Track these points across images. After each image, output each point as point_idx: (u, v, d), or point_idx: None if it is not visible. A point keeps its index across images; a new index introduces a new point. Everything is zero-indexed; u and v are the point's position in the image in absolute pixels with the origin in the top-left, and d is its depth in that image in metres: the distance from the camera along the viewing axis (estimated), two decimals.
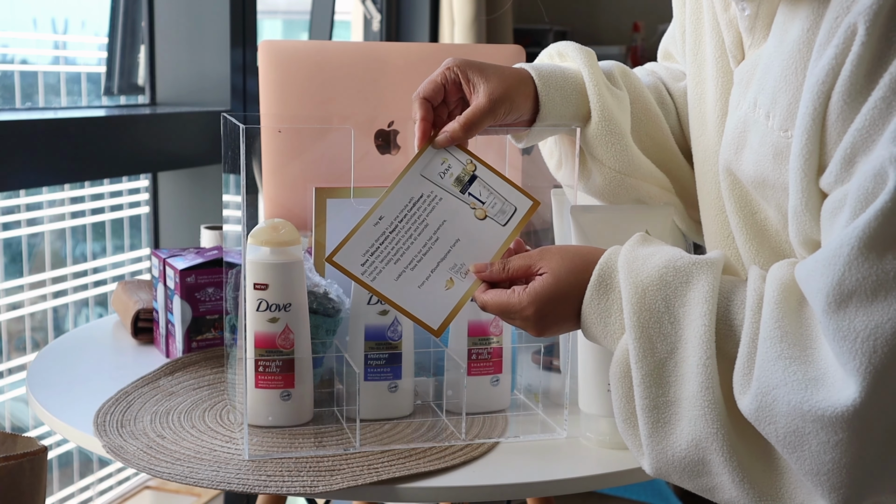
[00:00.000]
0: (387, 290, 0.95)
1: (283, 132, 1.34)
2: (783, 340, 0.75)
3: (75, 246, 2.15)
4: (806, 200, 0.80)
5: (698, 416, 0.79)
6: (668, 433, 0.81)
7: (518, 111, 1.01)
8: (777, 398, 0.74)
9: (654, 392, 0.81)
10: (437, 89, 0.99)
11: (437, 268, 0.96)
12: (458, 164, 0.98)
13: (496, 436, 1.06)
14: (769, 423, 0.75)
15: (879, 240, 0.70)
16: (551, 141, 1.14)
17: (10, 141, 1.67)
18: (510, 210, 0.98)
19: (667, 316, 0.81)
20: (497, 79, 1.00)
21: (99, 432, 1.04)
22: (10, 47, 2.07)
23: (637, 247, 0.87)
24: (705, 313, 0.80)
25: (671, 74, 1.18)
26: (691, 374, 0.79)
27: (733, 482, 0.78)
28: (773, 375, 0.74)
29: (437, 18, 3.46)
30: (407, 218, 0.96)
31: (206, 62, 2.25)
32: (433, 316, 0.95)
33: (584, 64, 1.05)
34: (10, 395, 1.96)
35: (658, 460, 0.82)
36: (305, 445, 1.02)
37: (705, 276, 0.81)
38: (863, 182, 0.72)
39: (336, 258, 0.95)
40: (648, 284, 0.83)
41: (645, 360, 0.81)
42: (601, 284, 0.86)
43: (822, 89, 0.76)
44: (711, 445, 0.78)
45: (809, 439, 0.72)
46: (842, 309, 0.71)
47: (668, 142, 1.11)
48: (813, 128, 0.77)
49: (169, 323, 1.32)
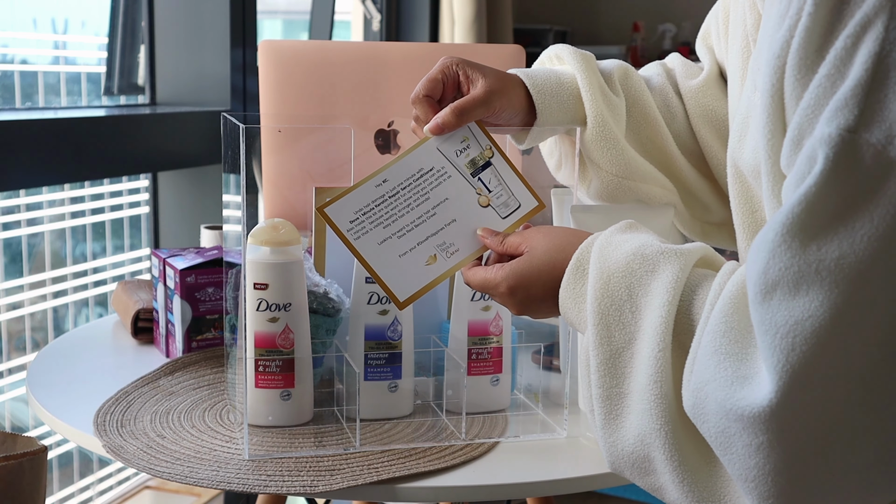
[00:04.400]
0: (366, 252, 0.94)
1: (283, 132, 1.34)
2: (725, 335, 0.71)
3: (75, 246, 2.15)
4: (772, 186, 0.74)
5: (645, 409, 0.76)
6: (619, 426, 0.78)
7: (513, 110, 1.01)
8: (707, 395, 0.70)
9: (609, 382, 0.79)
10: (436, 86, 0.99)
11: (425, 241, 0.95)
12: (476, 146, 0.97)
13: (496, 436, 1.06)
14: (703, 421, 0.71)
15: (803, 227, 0.65)
16: (551, 141, 1.14)
17: (10, 141, 1.67)
18: (514, 205, 0.98)
19: (628, 304, 0.79)
20: (495, 75, 1.00)
21: (99, 432, 1.04)
22: (10, 47, 2.07)
23: (616, 233, 0.84)
24: (664, 304, 0.76)
25: (687, 71, 1.15)
26: (643, 367, 0.77)
27: (674, 482, 0.75)
28: (706, 371, 0.70)
29: (437, 18, 3.46)
30: (411, 187, 0.95)
31: (206, 62, 2.25)
32: (403, 287, 0.94)
33: (580, 69, 1.05)
34: (10, 395, 1.96)
35: (610, 454, 0.80)
36: (305, 445, 1.02)
37: (672, 265, 0.78)
38: (798, 166, 0.67)
39: (328, 209, 0.93)
40: (614, 271, 0.80)
41: (601, 348, 0.79)
42: (578, 268, 0.84)
43: (777, 64, 0.70)
44: (655, 442, 0.75)
45: (735, 441, 0.68)
46: (766, 300, 0.67)
47: (668, 145, 1.11)
48: (772, 105, 0.71)
49: (169, 323, 1.32)
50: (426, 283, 0.95)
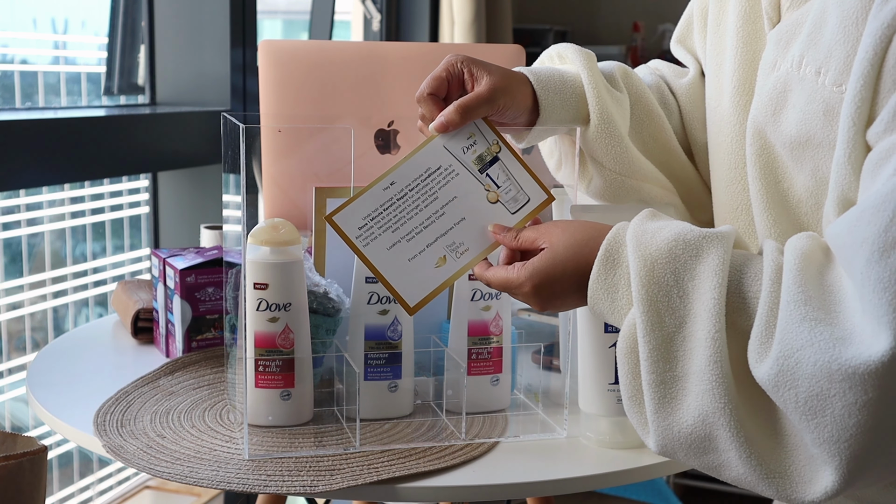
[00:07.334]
0: (375, 259, 0.93)
1: (283, 132, 1.34)
2: (807, 304, 0.73)
3: (75, 246, 2.15)
4: (849, 152, 0.78)
5: (706, 390, 0.77)
6: (675, 409, 0.80)
7: (518, 108, 1.01)
8: (801, 360, 0.71)
9: (662, 367, 0.80)
10: (441, 84, 0.98)
11: (434, 243, 0.94)
12: (483, 142, 0.96)
13: (496, 435, 1.06)
14: (790, 387, 0.72)
15: None
16: (551, 141, 1.14)
17: (10, 141, 1.67)
18: (523, 199, 0.97)
19: (676, 289, 0.80)
20: (499, 73, 1.00)
21: (99, 432, 1.04)
22: (10, 47, 2.07)
23: (646, 221, 0.85)
24: (715, 286, 0.78)
25: (674, 71, 1.18)
26: (700, 349, 0.78)
27: (740, 458, 0.77)
28: (799, 337, 0.72)
29: (437, 18, 3.46)
30: (419, 187, 0.94)
31: (206, 62, 2.25)
32: (413, 292, 0.94)
33: (584, 67, 1.05)
34: (10, 395, 1.96)
35: (664, 437, 0.81)
36: (305, 445, 1.02)
37: (716, 249, 0.80)
38: None
39: (336, 218, 0.93)
40: (657, 258, 0.81)
41: (653, 334, 0.80)
42: (608, 259, 0.85)
43: (885, 33, 0.74)
44: (719, 420, 0.77)
45: (835, 402, 0.70)
46: (885, 257, 0.68)
47: (670, 142, 1.11)
48: (870, 73, 0.75)
49: (169, 323, 1.32)
50: (436, 286, 0.94)
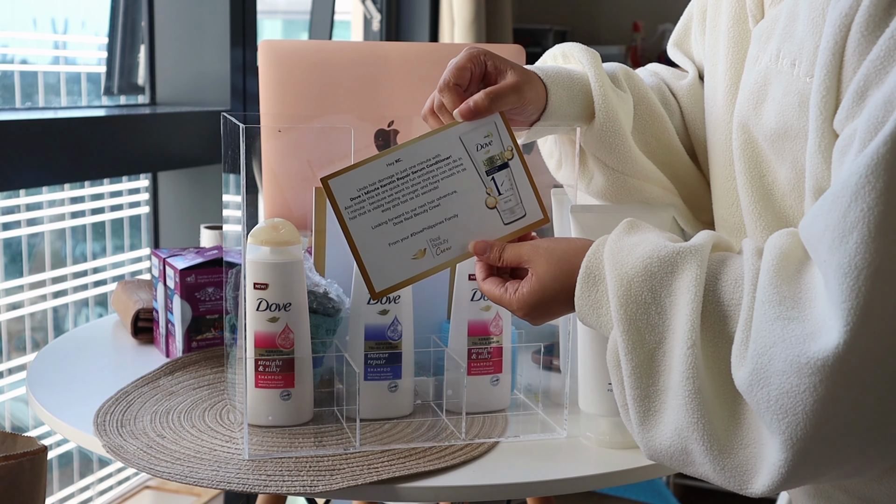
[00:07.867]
0: (356, 234, 0.92)
1: (283, 132, 1.34)
2: (781, 303, 0.73)
3: (75, 246, 2.15)
4: (819, 142, 0.79)
5: (680, 405, 0.78)
6: (656, 423, 0.81)
7: (538, 104, 1.00)
8: (773, 357, 0.72)
9: (644, 382, 0.81)
10: (465, 74, 0.96)
11: (420, 233, 0.93)
12: (498, 144, 0.95)
13: (496, 435, 1.06)
14: (762, 386, 0.73)
15: (888, 167, 0.67)
16: (551, 141, 1.14)
17: (10, 141, 1.67)
18: (520, 213, 0.96)
19: (654, 307, 0.81)
20: (519, 68, 0.99)
21: (99, 432, 1.04)
22: (10, 47, 2.07)
23: (622, 236, 0.86)
24: (689, 302, 0.78)
25: (673, 73, 1.18)
26: (676, 364, 0.79)
27: (714, 471, 0.78)
28: (771, 335, 0.72)
29: (437, 18, 3.46)
30: (423, 171, 0.93)
31: (205, 62, 2.25)
32: (383, 277, 0.92)
33: (590, 65, 1.05)
34: (10, 395, 1.96)
35: (649, 448, 0.82)
36: (305, 445, 1.02)
37: (690, 264, 0.80)
38: (873, 112, 0.70)
39: (331, 182, 0.91)
40: (633, 276, 0.82)
41: (634, 351, 0.81)
42: (589, 277, 0.85)
43: (843, 22, 0.76)
44: (692, 435, 0.78)
45: (805, 397, 0.70)
46: (844, 243, 0.68)
47: (673, 142, 1.11)
48: (832, 62, 0.77)
49: (169, 323, 1.32)
50: (407, 276, 0.93)
